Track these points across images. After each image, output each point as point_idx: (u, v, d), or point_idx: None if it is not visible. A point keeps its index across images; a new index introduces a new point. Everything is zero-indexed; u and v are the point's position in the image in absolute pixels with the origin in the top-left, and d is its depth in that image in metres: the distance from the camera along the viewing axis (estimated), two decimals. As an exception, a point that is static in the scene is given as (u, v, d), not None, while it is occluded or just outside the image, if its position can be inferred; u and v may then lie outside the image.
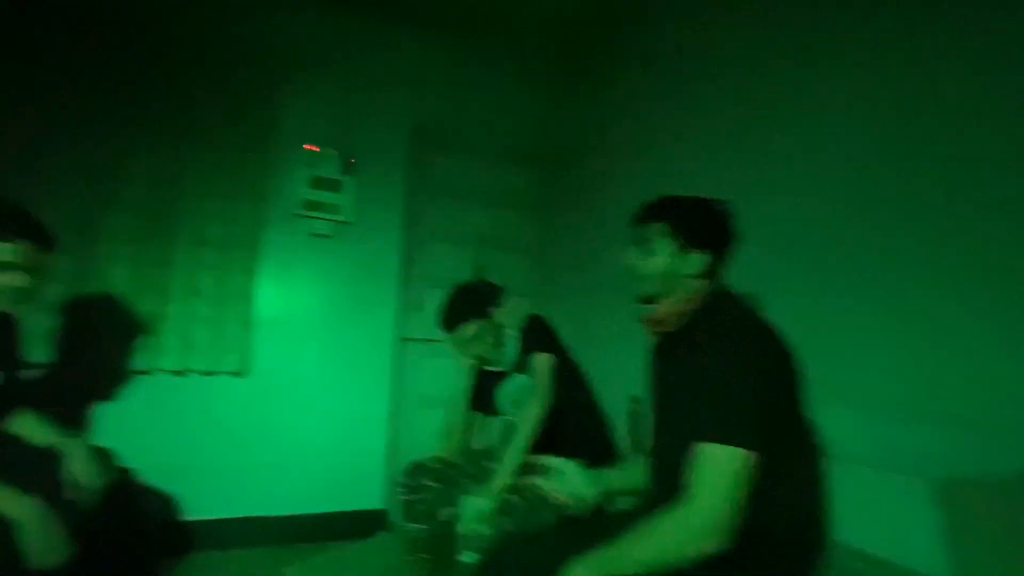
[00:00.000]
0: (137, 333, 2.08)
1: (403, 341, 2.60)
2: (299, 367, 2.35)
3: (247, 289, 2.25)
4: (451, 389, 1.71)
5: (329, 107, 2.50)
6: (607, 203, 2.47)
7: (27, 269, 1.25)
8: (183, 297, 2.14)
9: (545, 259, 3.00)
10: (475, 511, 1.23)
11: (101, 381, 2.05)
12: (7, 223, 1.24)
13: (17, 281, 1.23)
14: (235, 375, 2.23)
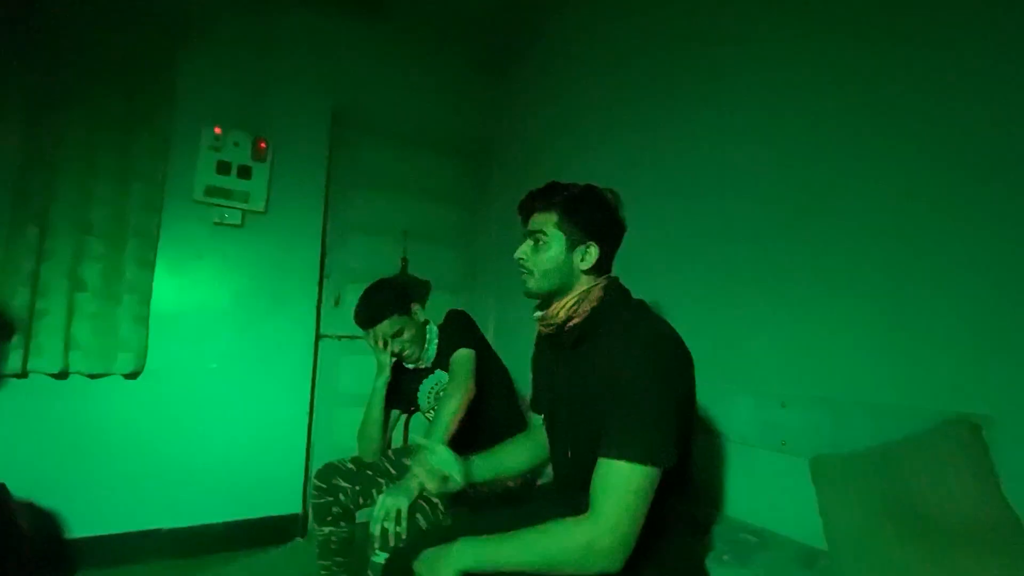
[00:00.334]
0: (8, 331, 1.84)
1: (322, 338, 2.49)
2: (203, 366, 2.18)
3: (143, 282, 2.05)
4: (374, 385, 1.66)
5: (239, 84, 2.33)
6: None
7: None
8: (64, 291, 1.91)
9: (472, 251, 2.99)
10: (387, 509, 1.19)
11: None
12: None
13: None
14: (128, 377, 2.03)
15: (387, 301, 1.59)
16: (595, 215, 1.01)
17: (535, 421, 1.24)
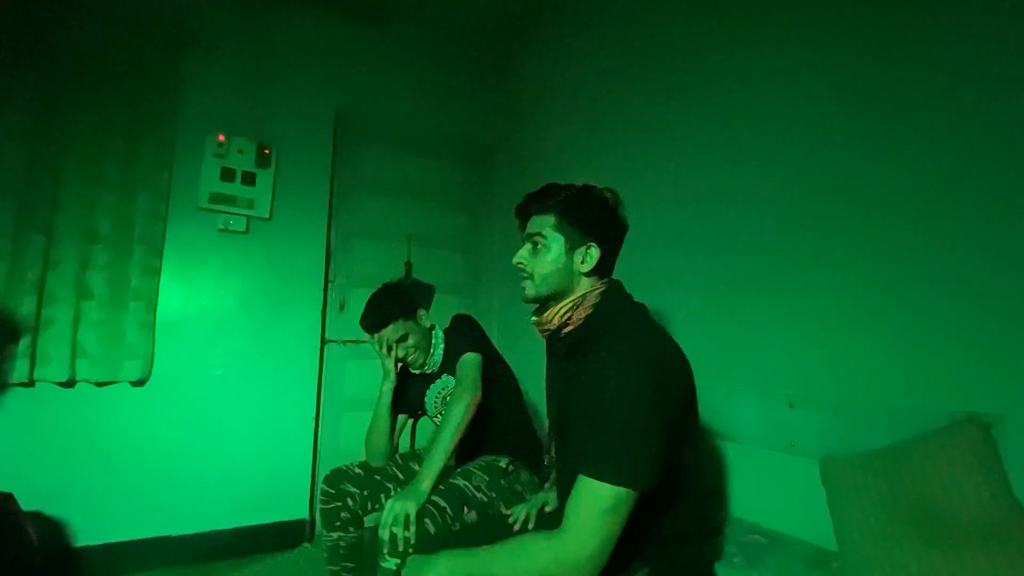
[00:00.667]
0: (14, 340, 1.85)
1: (328, 343, 2.49)
2: (209, 373, 2.19)
3: (149, 290, 2.06)
4: (378, 391, 1.66)
5: (241, 92, 2.33)
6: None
7: None
8: (71, 299, 1.92)
9: (476, 255, 2.99)
10: (396, 514, 1.19)
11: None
12: None
13: None
14: (135, 384, 2.04)
15: (392, 306, 1.59)
16: (594, 215, 0.99)
17: None
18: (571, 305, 0.98)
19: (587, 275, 1.00)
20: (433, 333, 1.68)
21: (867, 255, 1.25)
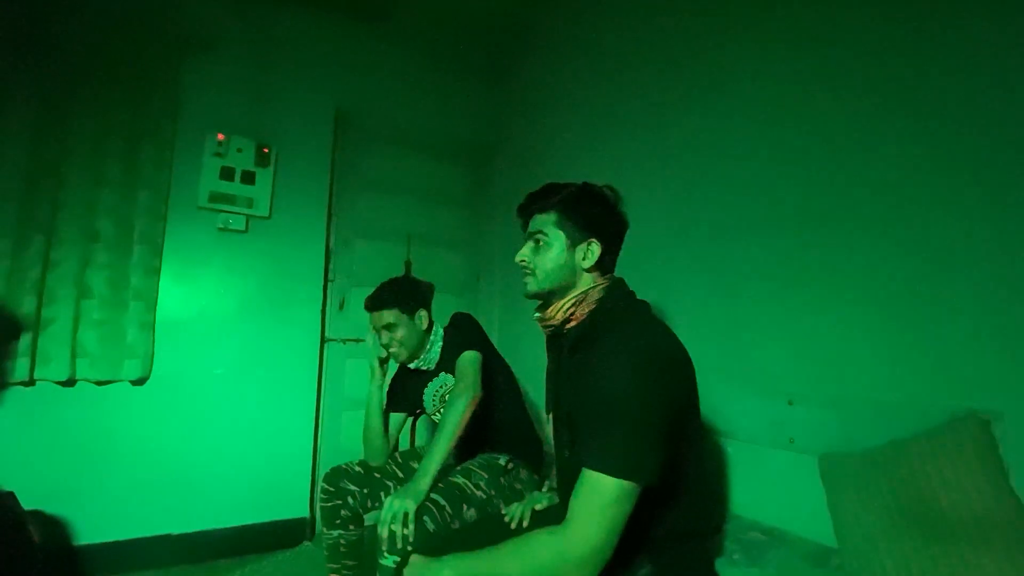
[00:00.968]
0: (15, 339, 1.85)
1: (327, 342, 2.49)
2: (209, 372, 2.19)
3: (149, 289, 2.06)
4: (369, 388, 1.67)
5: (241, 91, 2.34)
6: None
7: None
8: (70, 298, 1.92)
9: (476, 254, 2.99)
10: (396, 512, 1.19)
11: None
12: None
13: None
14: (135, 383, 2.04)
15: (394, 293, 1.62)
16: (594, 211, 1.01)
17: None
18: (574, 301, 1.00)
19: (589, 271, 1.01)
20: (432, 331, 1.68)
21: (866, 251, 1.24)
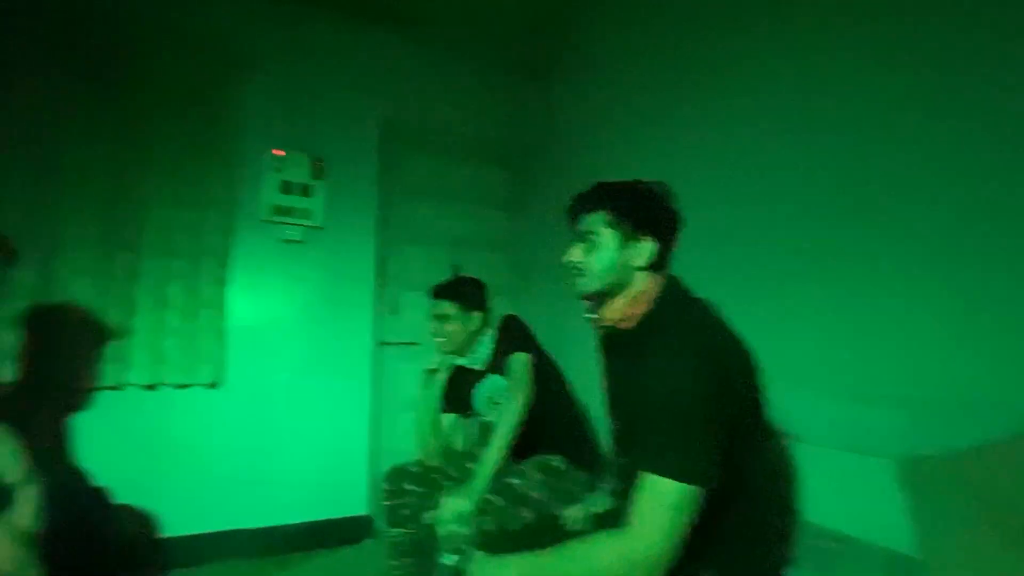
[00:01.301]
0: (104, 347, 2.03)
1: (381, 345, 2.58)
2: (275, 376, 2.31)
3: (218, 299, 2.20)
4: (422, 392, 1.72)
5: (294, 109, 2.45)
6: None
7: None
8: (151, 309, 2.08)
9: (521, 256, 3.00)
10: (454, 512, 1.22)
11: (68, 398, 1.99)
12: None
13: None
14: (209, 387, 2.19)
15: (457, 289, 1.69)
16: (645, 208, 0.98)
17: None
18: (629, 300, 0.97)
19: (643, 270, 0.98)
20: (482, 332, 1.71)
21: (942, 239, 1.16)
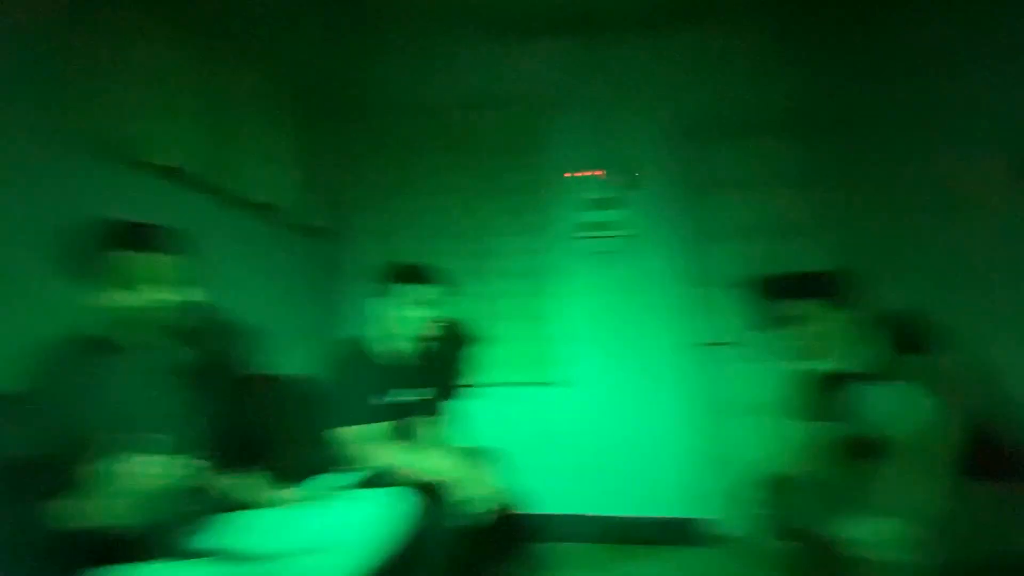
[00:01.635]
0: (485, 352, 2.54)
1: (701, 346, 2.53)
2: (605, 377, 2.53)
3: (552, 310, 2.55)
4: (779, 395, 1.57)
5: (596, 130, 2.65)
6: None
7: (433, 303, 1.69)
8: (509, 319, 2.54)
9: (847, 243, 2.51)
10: (888, 535, 1.06)
11: (455, 395, 2.54)
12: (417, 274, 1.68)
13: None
14: (555, 386, 2.53)
15: (814, 282, 1.48)
16: None
17: None
18: None
19: None
20: (854, 328, 1.47)
21: None
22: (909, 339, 1.34)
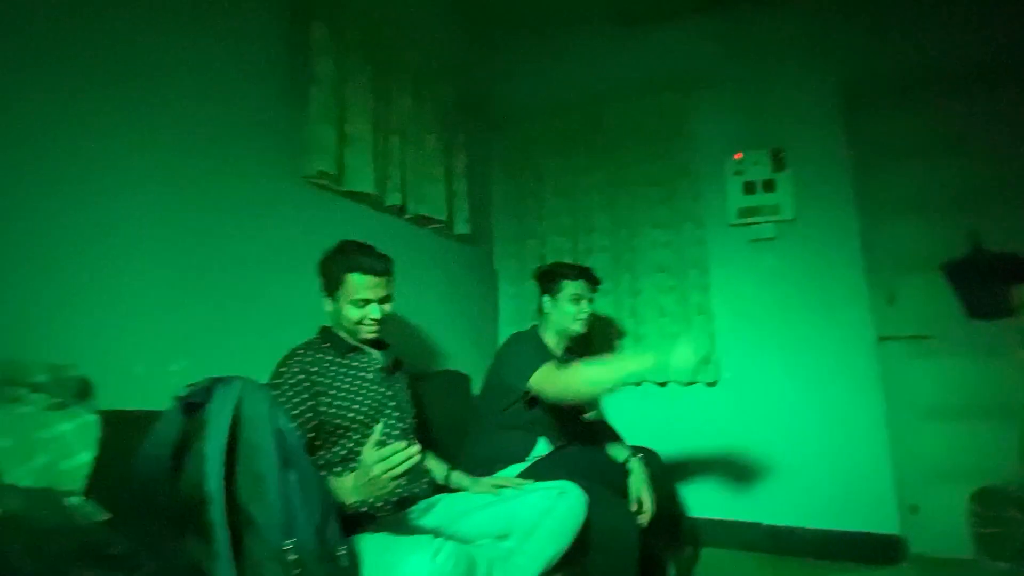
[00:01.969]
0: (619, 349, 2.52)
1: (883, 340, 2.23)
2: (765, 375, 2.34)
3: (705, 305, 2.41)
4: (956, 398, 1.33)
5: (743, 108, 2.46)
6: None
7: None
8: (653, 318, 2.47)
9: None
10: None
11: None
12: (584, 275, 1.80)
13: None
14: (709, 385, 2.41)
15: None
16: None
17: None
18: None
19: None
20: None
21: None
22: None
